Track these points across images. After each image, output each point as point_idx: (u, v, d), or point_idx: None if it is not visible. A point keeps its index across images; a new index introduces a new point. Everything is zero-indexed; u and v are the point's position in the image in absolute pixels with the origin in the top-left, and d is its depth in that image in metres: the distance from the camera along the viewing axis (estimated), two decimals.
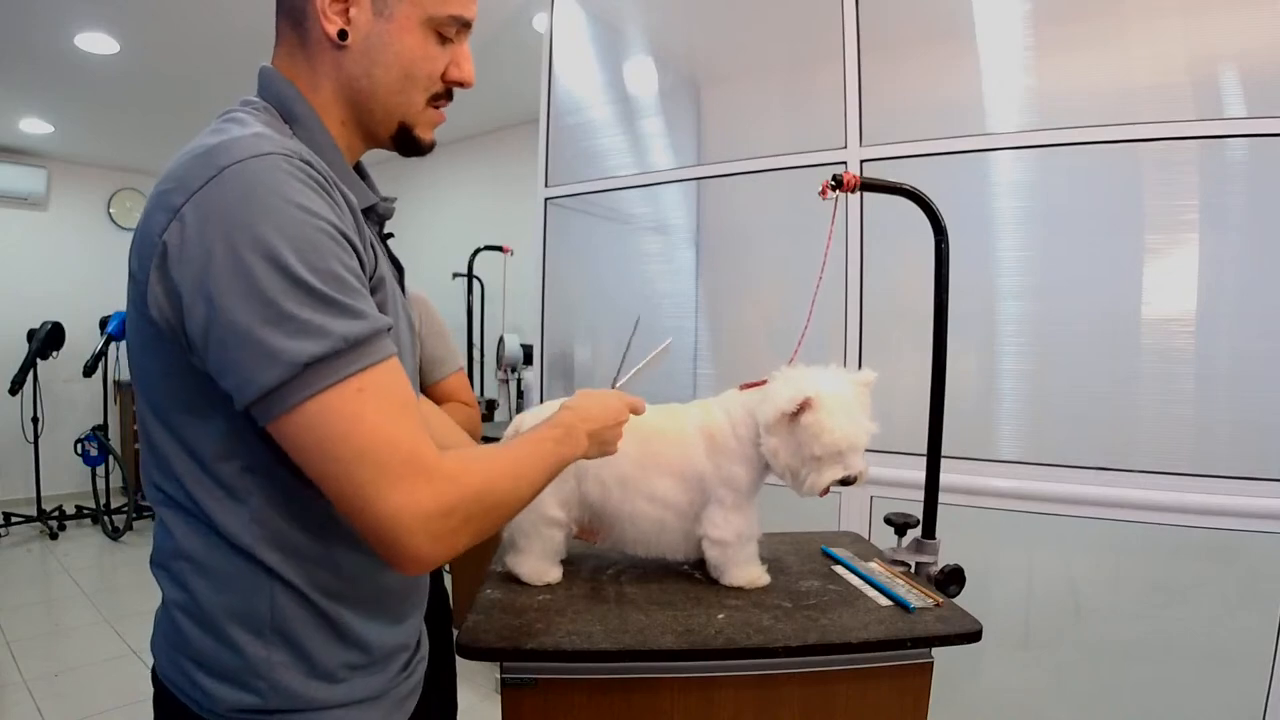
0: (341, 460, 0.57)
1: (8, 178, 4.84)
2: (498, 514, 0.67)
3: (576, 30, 2.60)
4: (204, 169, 0.57)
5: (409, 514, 0.58)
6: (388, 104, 0.71)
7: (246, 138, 0.60)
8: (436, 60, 0.71)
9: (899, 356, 1.91)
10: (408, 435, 0.59)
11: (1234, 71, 1.66)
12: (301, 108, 0.69)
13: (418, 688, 0.82)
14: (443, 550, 0.61)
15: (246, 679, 0.65)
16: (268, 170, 0.57)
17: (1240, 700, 1.55)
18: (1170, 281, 1.73)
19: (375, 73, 0.69)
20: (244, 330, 0.55)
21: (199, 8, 2.78)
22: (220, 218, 0.56)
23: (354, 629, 0.70)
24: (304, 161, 0.61)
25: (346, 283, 0.59)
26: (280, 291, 0.55)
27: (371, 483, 0.57)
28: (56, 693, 2.58)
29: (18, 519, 4.48)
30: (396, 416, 0.59)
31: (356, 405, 0.57)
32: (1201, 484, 1.58)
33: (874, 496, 1.85)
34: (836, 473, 1.00)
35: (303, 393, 0.56)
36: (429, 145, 0.76)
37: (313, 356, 0.55)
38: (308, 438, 0.57)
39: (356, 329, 0.58)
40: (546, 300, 2.57)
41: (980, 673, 1.88)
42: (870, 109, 1.90)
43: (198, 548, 0.65)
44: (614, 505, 1.09)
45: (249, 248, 0.55)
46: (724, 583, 1.10)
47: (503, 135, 4.28)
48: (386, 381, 0.60)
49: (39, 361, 4.41)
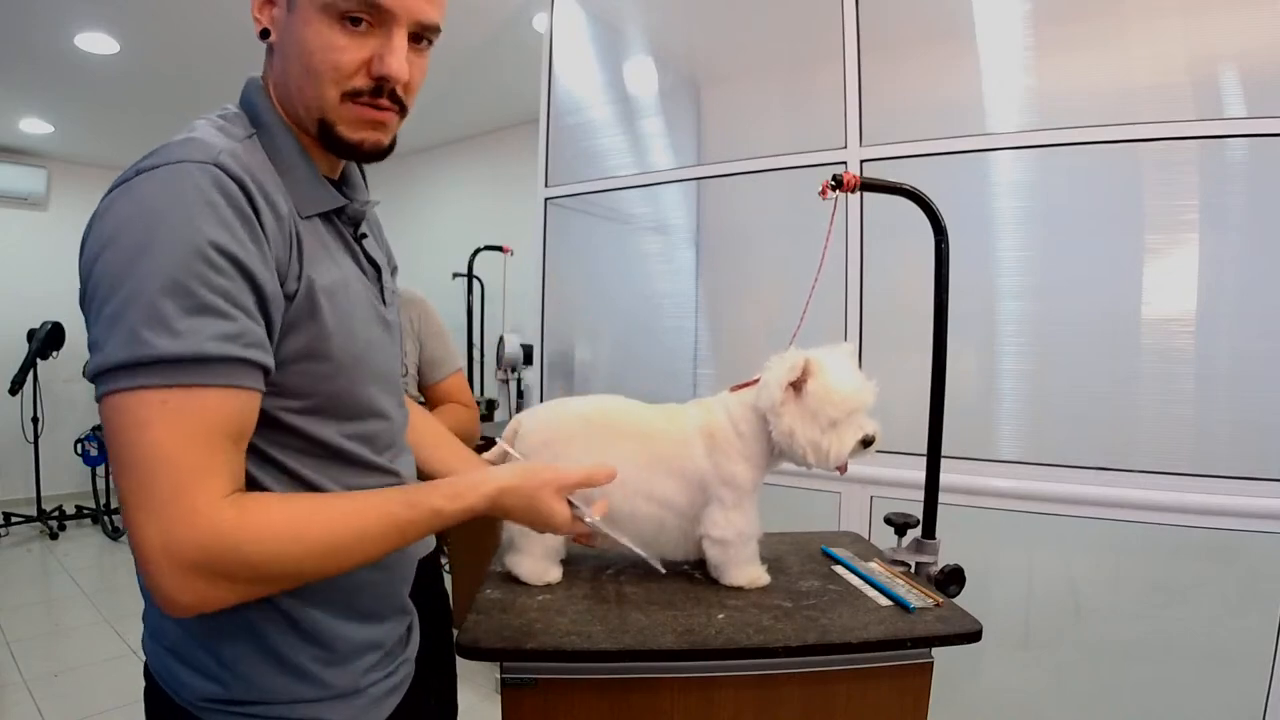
0: (119, 463, 0.57)
1: (8, 178, 4.84)
2: (279, 582, 0.62)
3: (576, 30, 2.60)
4: (131, 170, 0.61)
5: (158, 548, 0.55)
6: (301, 98, 0.69)
7: (176, 144, 0.62)
8: (341, 51, 0.66)
9: (899, 356, 1.91)
10: (190, 465, 0.56)
11: (1234, 71, 1.66)
12: (268, 114, 0.70)
13: (401, 687, 0.82)
14: (191, 600, 0.57)
15: (210, 668, 0.67)
16: (173, 177, 0.59)
17: (1240, 700, 1.55)
18: (1170, 281, 1.73)
19: (288, 67, 0.69)
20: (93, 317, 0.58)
21: (199, 8, 2.78)
22: (116, 214, 0.59)
23: (313, 624, 0.70)
24: (221, 169, 0.60)
25: (200, 303, 0.57)
26: (125, 295, 0.56)
27: (133, 500, 0.56)
28: (56, 693, 2.58)
29: (18, 519, 4.48)
30: (188, 444, 0.56)
31: (150, 416, 0.56)
32: (1201, 484, 1.58)
33: (874, 496, 1.86)
34: (856, 434, 1.02)
35: (108, 385, 0.56)
36: (358, 144, 0.71)
37: (126, 359, 0.55)
38: (107, 426, 0.58)
39: (175, 349, 0.56)
40: (546, 300, 2.57)
41: (980, 673, 1.88)
42: (870, 109, 1.90)
43: None
44: (613, 505, 1.09)
45: (121, 247, 0.57)
46: (725, 582, 1.10)
47: (503, 135, 4.28)
48: (197, 408, 0.57)
49: (39, 361, 4.42)
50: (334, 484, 0.71)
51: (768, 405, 1.04)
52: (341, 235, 0.75)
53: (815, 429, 1.02)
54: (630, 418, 1.12)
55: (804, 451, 1.04)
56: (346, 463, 0.72)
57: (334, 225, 0.74)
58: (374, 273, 0.80)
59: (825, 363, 1.02)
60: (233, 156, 0.62)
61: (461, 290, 3.89)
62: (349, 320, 0.71)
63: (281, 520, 0.61)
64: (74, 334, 4.63)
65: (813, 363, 1.01)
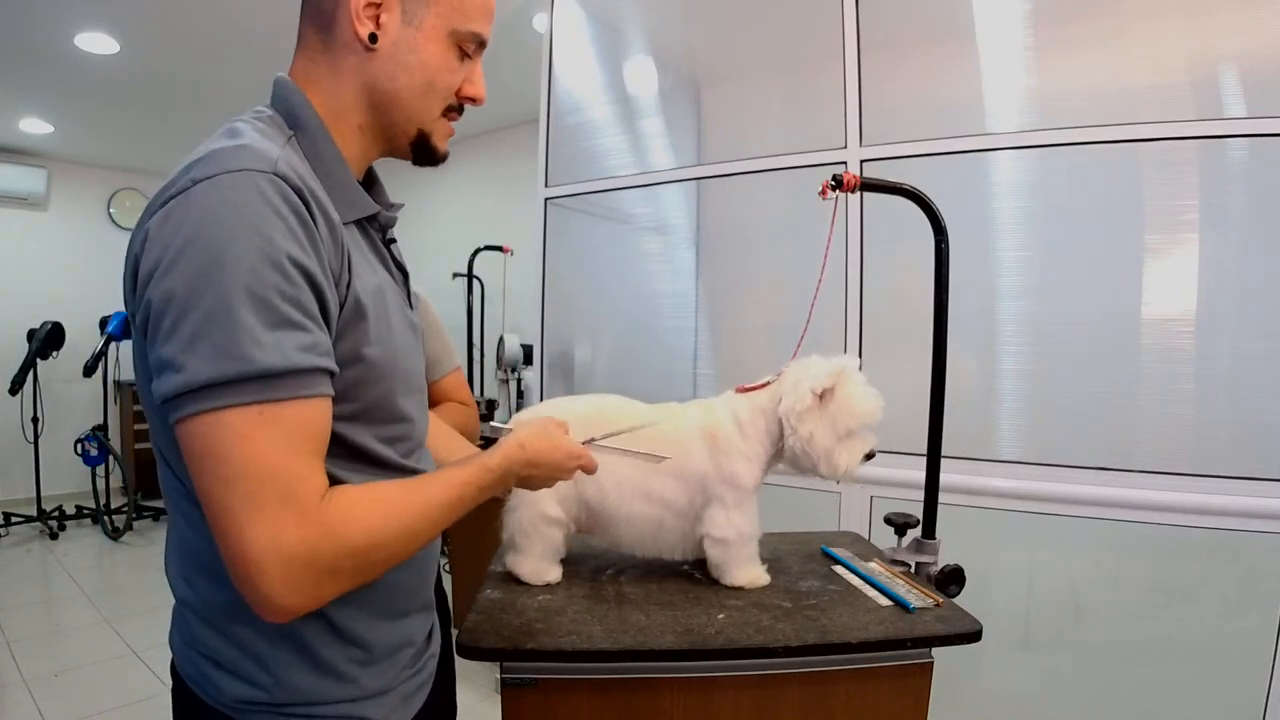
0: (216, 478, 0.56)
1: (8, 178, 4.84)
2: (376, 568, 0.65)
3: (576, 30, 2.60)
4: (181, 181, 0.59)
5: (268, 553, 0.56)
6: (409, 109, 0.73)
7: (228, 150, 0.61)
8: (456, 73, 0.74)
9: (899, 356, 1.91)
10: (295, 472, 0.58)
11: (1234, 71, 1.66)
12: (308, 116, 0.70)
13: (427, 683, 0.84)
14: (299, 601, 0.58)
15: (252, 673, 0.68)
16: (234, 187, 0.58)
17: (1240, 700, 1.55)
18: (1170, 281, 1.73)
19: (400, 77, 0.72)
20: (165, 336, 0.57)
21: (199, 8, 2.78)
22: (179, 226, 0.57)
23: (352, 627, 0.71)
24: (281, 178, 0.61)
25: (281, 315, 0.58)
26: (206, 310, 0.56)
27: (238, 510, 0.56)
28: (56, 693, 2.58)
29: (18, 519, 4.48)
30: (290, 451, 0.58)
31: (249, 429, 0.56)
32: (1201, 484, 1.58)
33: (874, 496, 1.86)
34: (864, 446, 1.05)
35: (197, 406, 0.56)
36: (443, 155, 0.79)
37: (215, 378, 0.55)
38: (195, 446, 0.57)
39: (269, 360, 0.57)
40: (546, 300, 2.57)
41: (980, 673, 1.88)
42: (870, 109, 1.90)
43: (201, 546, 0.66)
44: (611, 505, 1.09)
45: (192, 261, 0.56)
46: (725, 582, 1.10)
47: (503, 135, 4.28)
48: (292, 418, 0.59)
49: (39, 361, 4.41)
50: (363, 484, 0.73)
51: (793, 409, 1.05)
52: (372, 240, 0.76)
53: (832, 437, 1.04)
54: (629, 418, 1.12)
55: (817, 458, 1.05)
56: (376, 465, 0.73)
57: (366, 231, 0.76)
58: (401, 278, 0.82)
59: (855, 374, 1.05)
60: (288, 165, 0.63)
61: (461, 290, 3.89)
62: (387, 326, 0.72)
63: (378, 509, 0.64)
64: (74, 334, 4.63)
65: (846, 372, 1.04)
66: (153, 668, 2.80)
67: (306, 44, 0.72)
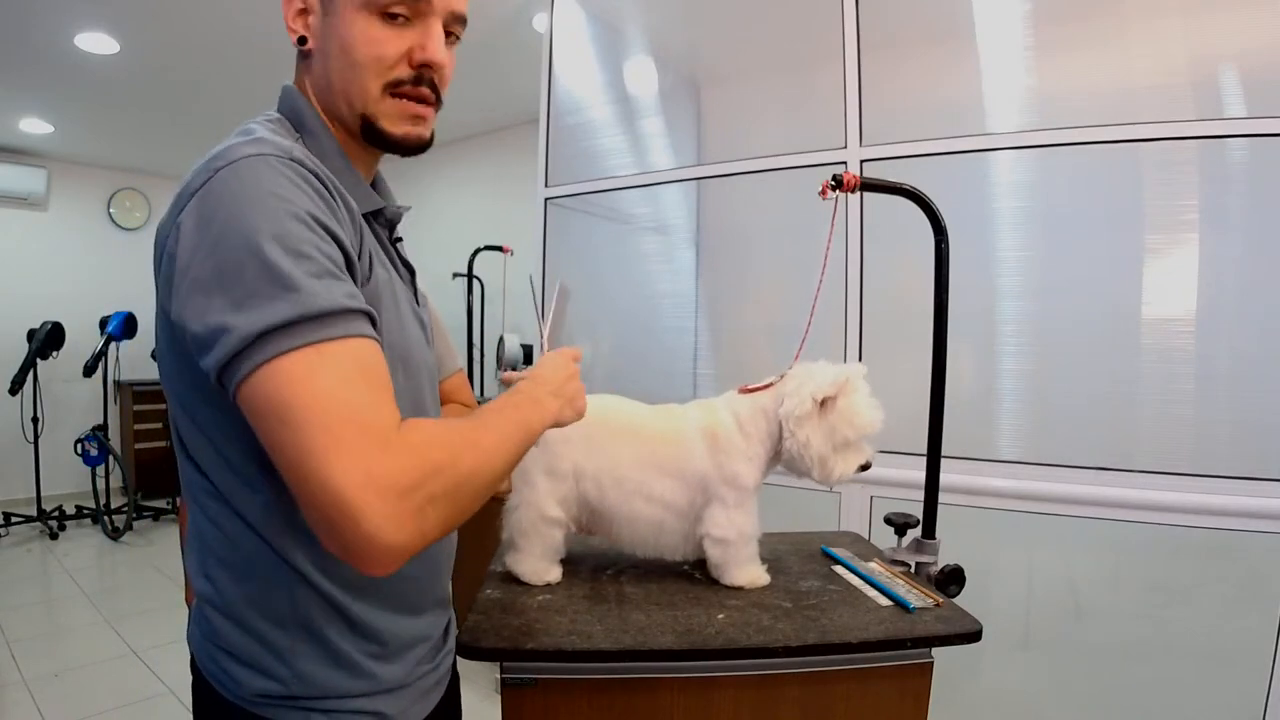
0: (289, 424, 0.54)
1: (8, 178, 4.84)
2: (469, 491, 0.61)
3: (576, 30, 2.60)
4: (204, 172, 0.61)
5: (362, 488, 0.52)
6: (345, 96, 0.72)
7: (244, 143, 0.62)
8: (384, 43, 0.70)
9: (899, 356, 1.91)
10: (367, 402, 0.56)
11: (1234, 71, 1.66)
12: (311, 119, 0.73)
13: (444, 680, 0.85)
14: (406, 536, 0.54)
15: (271, 667, 0.68)
16: (253, 166, 0.60)
17: (1240, 700, 1.55)
18: (1170, 281, 1.73)
19: (330, 66, 0.71)
20: (213, 309, 0.56)
21: (199, 8, 2.78)
22: (211, 211, 0.59)
23: (369, 620, 0.72)
24: (296, 161, 0.62)
25: (319, 265, 0.59)
26: (251, 274, 0.56)
27: (318, 453, 0.53)
28: (56, 693, 2.58)
29: (18, 519, 4.48)
30: (357, 384, 0.56)
31: (310, 368, 0.55)
32: (1201, 484, 1.58)
33: (874, 496, 1.86)
34: (859, 458, 1.06)
35: (256, 359, 0.55)
36: (402, 139, 0.74)
37: (268, 325, 0.55)
38: (259, 403, 0.55)
39: (318, 302, 0.57)
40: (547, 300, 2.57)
41: (980, 673, 1.88)
42: (870, 109, 1.90)
43: (222, 540, 0.68)
44: (611, 506, 1.09)
45: (229, 238, 0.57)
46: (725, 582, 1.10)
47: (503, 135, 4.28)
48: (350, 353, 0.58)
49: (39, 361, 4.42)
50: None
51: (793, 413, 1.05)
52: (379, 237, 0.77)
53: (829, 445, 1.04)
54: (629, 418, 1.12)
55: (811, 464, 1.06)
56: None
57: (373, 228, 0.76)
58: (408, 275, 0.83)
59: (859, 384, 1.05)
60: (304, 154, 0.65)
61: (461, 290, 3.89)
62: (399, 319, 0.73)
63: (454, 433, 0.63)
64: (74, 334, 4.63)
65: (851, 381, 1.04)
66: (153, 668, 2.80)
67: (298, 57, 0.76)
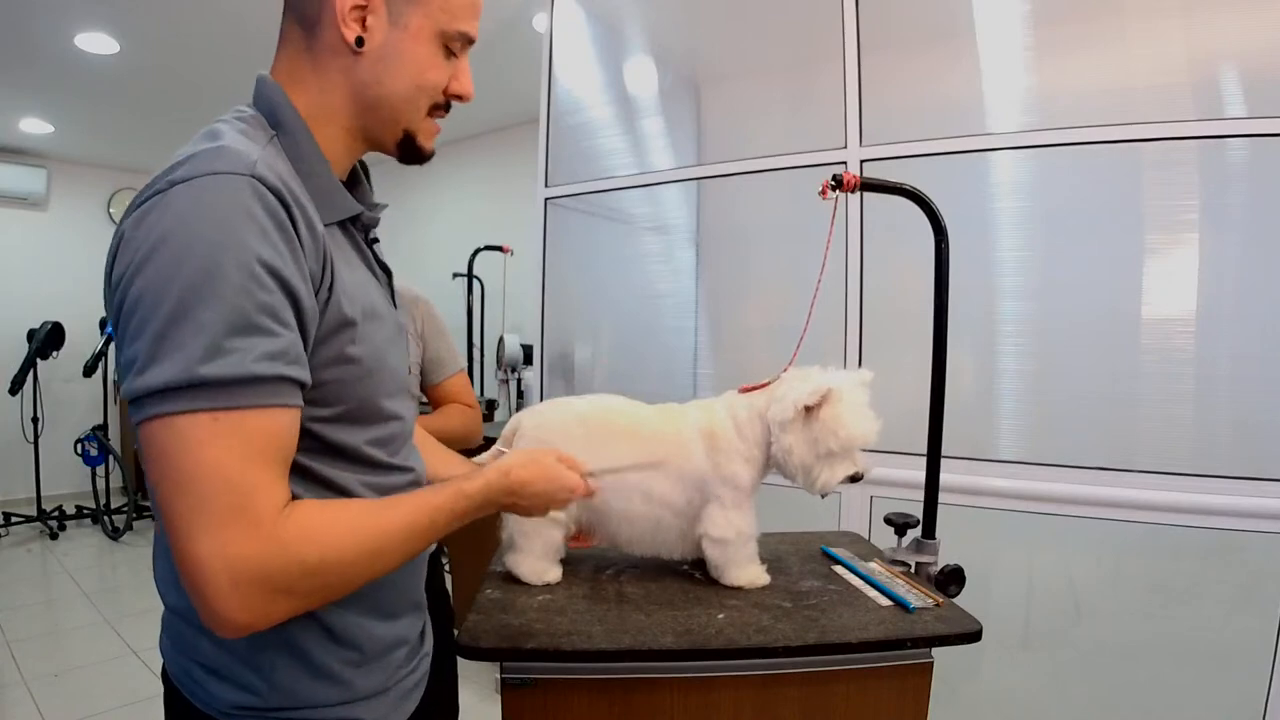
0: (170, 485, 0.55)
1: (8, 178, 4.84)
2: (333, 590, 0.62)
3: (576, 30, 2.60)
4: (161, 181, 0.59)
5: (218, 567, 0.54)
6: (396, 110, 0.73)
7: (207, 151, 0.60)
8: (443, 72, 0.73)
9: (899, 356, 1.91)
10: (249, 482, 0.56)
11: (1234, 71, 1.66)
12: (289, 116, 0.69)
13: (422, 682, 0.84)
14: (250, 619, 0.56)
15: (245, 679, 0.67)
16: (209, 190, 0.58)
17: (1240, 700, 1.55)
18: (1170, 281, 1.73)
19: (387, 80, 0.71)
20: (131, 336, 0.56)
21: (199, 8, 2.78)
22: (151, 228, 0.57)
23: (346, 627, 0.71)
24: (259, 180, 0.60)
25: (247, 321, 0.57)
26: (169, 312, 0.55)
27: (188, 519, 0.54)
28: (56, 693, 2.58)
29: (18, 519, 4.48)
30: (248, 462, 0.56)
31: (204, 436, 0.55)
32: (1201, 484, 1.58)
33: (874, 496, 1.85)
34: (848, 469, 1.04)
35: (155, 409, 0.55)
36: (430, 154, 0.78)
37: (167, 384, 0.54)
38: (151, 450, 0.56)
39: (230, 369, 0.55)
40: (546, 300, 2.57)
41: (980, 673, 1.87)
42: (870, 109, 1.90)
43: None
44: (610, 504, 1.10)
45: (160, 263, 0.56)
46: (725, 582, 1.10)
47: (503, 135, 4.28)
48: (252, 428, 0.57)
49: (39, 361, 4.42)
50: (356, 484, 0.72)
51: (777, 419, 1.05)
52: (354, 240, 0.76)
53: (812, 454, 1.03)
54: (628, 418, 1.12)
55: (795, 472, 1.06)
56: (367, 465, 0.73)
57: (349, 231, 0.75)
58: (385, 278, 0.82)
59: (844, 394, 1.03)
60: (268, 166, 0.62)
61: (461, 290, 3.89)
62: (372, 327, 0.72)
63: (339, 527, 0.62)
64: (74, 334, 4.63)
65: (834, 392, 1.02)
66: (153, 668, 2.80)
67: (290, 43, 0.71)
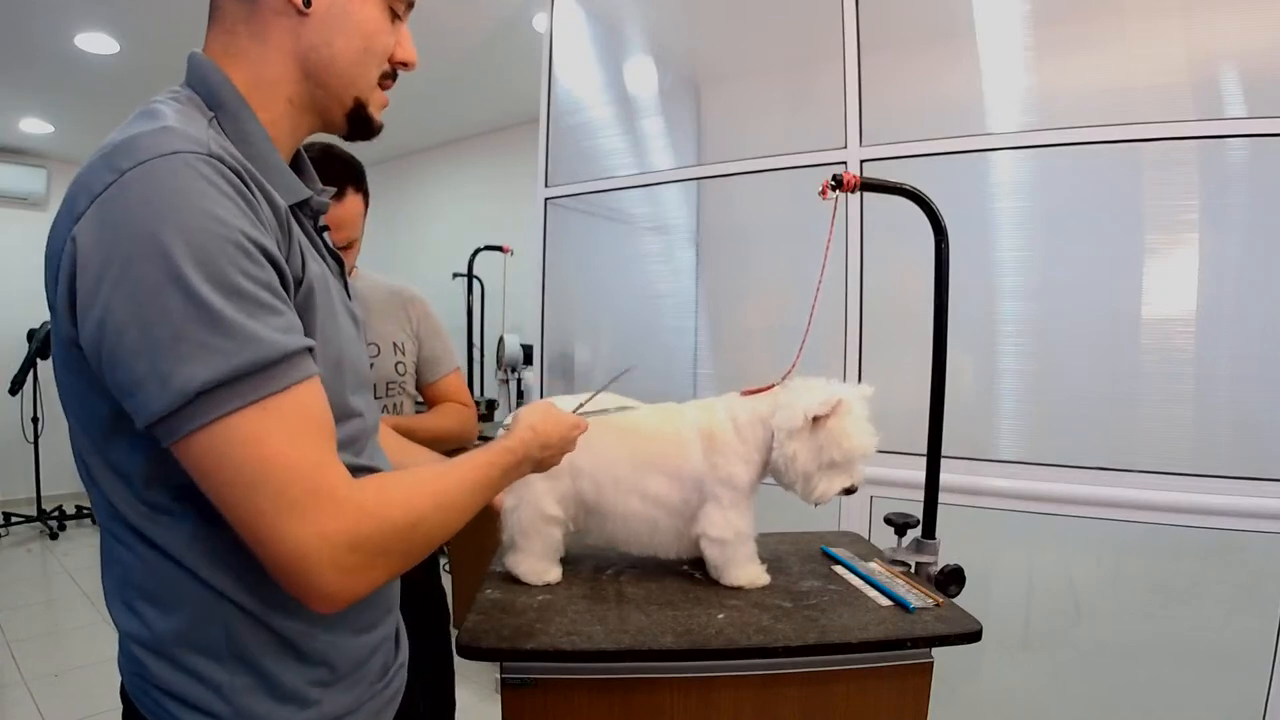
0: (240, 486, 0.54)
1: (8, 178, 4.84)
2: (420, 546, 0.63)
3: (576, 30, 2.60)
4: (105, 171, 0.54)
5: (313, 547, 0.55)
6: (346, 75, 0.69)
7: (152, 133, 0.55)
8: (390, 36, 0.71)
9: (899, 356, 1.91)
10: (314, 461, 0.56)
11: (1234, 71, 1.66)
12: (228, 94, 0.65)
13: (397, 696, 0.80)
14: (354, 586, 0.58)
15: (209, 704, 0.63)
16: (171, 172, 0.53)
17: (1240, 701, 1.55)
18: (1170, 281, 1.73)
19: (336, 41, 0.68)
20: (134, 351, 0.52)
21: (199, 8, 2.76)
22: (117, 226, 0.52)
23: (314, 646, 0.67)
24: (214, 158, 0.56)
25: (254, 299, 0.54)
26: (177, 310, 0.51)
27: (271, 512, 0.54)
28: (56, 693, 2.58)
29: (18, 519, 4.48)
30: (303, 442, 0.56)
31: (256, 430, 0.54)
32: (1201, 484, 1.58)
33: (874, 496, 1.85)
34: (844, 481, 1.05)
35: (197, 420, 0.52)
36: (378, 126, 0.74)
37: (205, 384, 0.52)
38: (205, 464, 0.54)
39: (261, 353, 0.53)
40: (546, 300, 2.57)
41: (980, 673, 1.88)
42: (870, 109, 1.90)
43: (143, 573, 0.62)
44: (607, 503, 1.10)
45: (146, 261, 0.51)
46: (724, 582, 1.10)
47: (503, 135, 4.28)
48: (295, 406, 0.56)
49: (39, 361, 4.42)
50: None
51: (783, 426, 1.05)
52: (305, 228, 0.71)
53: (815, 464, 1.04)
54: (627, 416, 1.12)
55: (795, 479, 1.06)
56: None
57: (298, 218, 0.70)
58: (337, 267, 0.77)
59: (854, 407, 1.04)
60: (220, 146, 0.58)
61: (461, 290, 3.89)
62: (332, 318, 0.68)
63: (410, 489, 0.64)
64: None
65: (844, 404, 1.03)
66: None
67: (223, 15, 0.67)
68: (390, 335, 1.51)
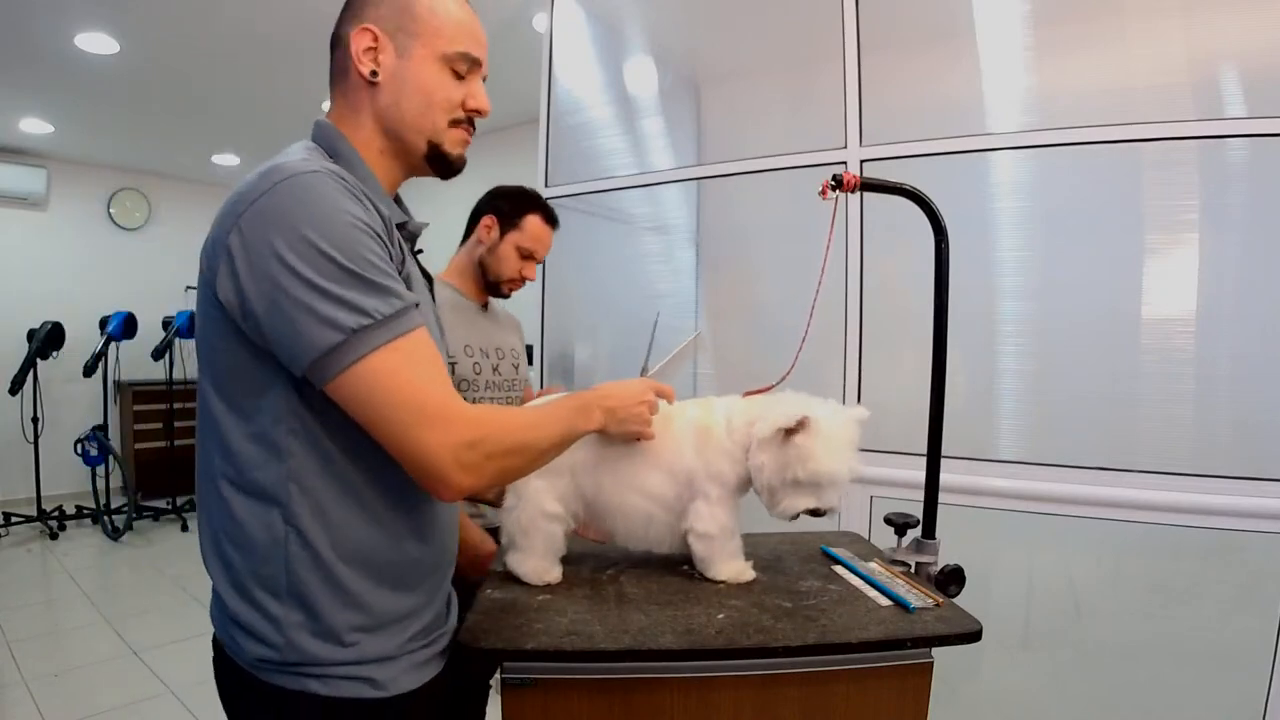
0: (388, 407, 0.73)
1: (8, 178, 4.84)
2: (517, 454, 0.83)
3: (576, 30, 2.60)
4: (262, 183, 0.74)
5: (444, 448, 0.74)
6: (414, 126, 0.87)
7: (295, 161, 0.76)
8: (452, 90, 0.87)
9: (899, 356, 1.91)
10: (438, 388, 0.76)
11: (1234, 71, 1.66)
12: (343, 146, 0.86)
13: (440, 658, 0.91)
14: (473, 478, 0.77)
15: (267, 634, 0.78)
16: (313, 182, 0.74)
17: (1240, 701, 1.55)
18: (1170, 281, 1.73)
19: (402, 101, 0.86)
20: (304, 305, 0.71)
21: (199, 8, 2.78)
22: (276, 220, 0.72)
23: (359, 592, 0.80)
24: (340, 177, 0.76)
25: (380, 268, 0.74)
26: (329, 275, 0.71)
27: (413, 426, 0.74)
28: (56, 693, 2.58)
29: (18, 519, 4.48)
30: (428, 374, 0.76)
31: (395, 365, 0.73)
32: (1201, 484, 1.58)
33: (874, 496, 1.85)
34: (809, 502, 1.03)
35: (352, 355, 0.72)
36: (457, 160, 0.91)
37: (359, 324, 0.71)
38: (359, 392, 0.73)
39: (392, 305, 0.74)
40: (546, 300, 2.57)
41: (980, 673, 1.88)
42: (870, 109, 1.90)
43: (237, 522, 0.78)
44: (606, 498, 1.10)
45: (300, 242, 0.71)
46: (709, 576, 1.11)
47: (503, 135, 4.28)
48: (416, 347, 0.76)
49: (39, 361, 4.42)
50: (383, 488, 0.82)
51: (756, 434, 1.06)
52: (403, 249, 0.87)
53: (779, 478, 1.03)
54: None
55: (760, 490, 1.07)
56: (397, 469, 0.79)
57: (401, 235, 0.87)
58: (427, 286, 0.96)
59: (822, 427, 1.01)
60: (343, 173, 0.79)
61: None
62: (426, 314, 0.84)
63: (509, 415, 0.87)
64: (74, 334, 4.63)
65: (811, 422, 1.01)
66: (153, 668, 2.80)
67: (335, 94, 0.88)
68: (514, 345, 1.83)
